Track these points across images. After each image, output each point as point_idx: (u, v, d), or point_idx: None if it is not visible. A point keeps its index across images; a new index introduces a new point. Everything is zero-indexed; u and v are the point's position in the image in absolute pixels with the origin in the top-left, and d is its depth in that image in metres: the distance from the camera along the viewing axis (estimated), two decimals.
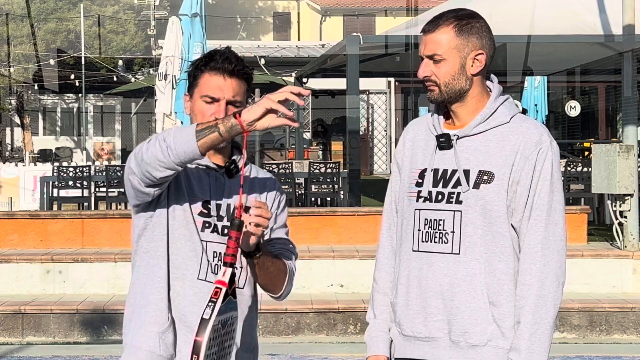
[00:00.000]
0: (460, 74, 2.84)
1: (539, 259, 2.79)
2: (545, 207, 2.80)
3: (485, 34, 2.86)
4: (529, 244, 2.80)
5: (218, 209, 2.90)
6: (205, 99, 2.89)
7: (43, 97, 34.60)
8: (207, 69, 2.92)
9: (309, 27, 37.67)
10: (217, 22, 33.99)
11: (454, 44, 2.83)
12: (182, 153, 2.64)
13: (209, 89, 2.90)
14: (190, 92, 2.96)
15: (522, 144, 2.81)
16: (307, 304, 9.01)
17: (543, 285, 2.78)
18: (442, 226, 2.83)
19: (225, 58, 2.92)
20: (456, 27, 2.84)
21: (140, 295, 2.91)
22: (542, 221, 2.80)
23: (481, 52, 2.84)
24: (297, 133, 20.13)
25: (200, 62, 2.96)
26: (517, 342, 2.77)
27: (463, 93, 2.86)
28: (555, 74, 17.73)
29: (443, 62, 2.84)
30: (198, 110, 2.91)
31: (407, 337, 2.92)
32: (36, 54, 31.31)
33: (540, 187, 2.80)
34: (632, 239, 10.14)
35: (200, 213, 2.88)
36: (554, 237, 2.81)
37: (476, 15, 2.89)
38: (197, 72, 2.94)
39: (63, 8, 33.67)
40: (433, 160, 2.89)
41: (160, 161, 2.67)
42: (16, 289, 9.68)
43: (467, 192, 2.81)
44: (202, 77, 2.92)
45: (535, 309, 2.77)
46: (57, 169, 15.71)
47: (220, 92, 2.88)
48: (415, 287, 2.88)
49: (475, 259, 2.80)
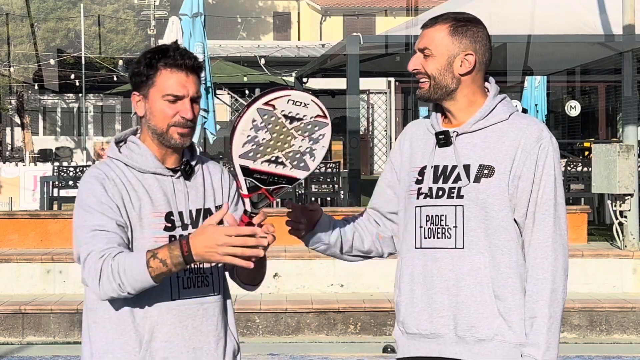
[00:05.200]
0: (446, 71, 2.87)
1: (550, 253, 2.82)
2: (552, 201, 2.83)
3: (480, 39, 2.89)
4: (538, 239, 2.82)
5: (181, 217, 2.79)
6: (168, 98, 2.73)
7: (43, 97, 34.61)
8: (164, 66, 2.74)
9: (309, 27, 37.67)
10: (217, 22, 33.99)
11: (445, 42, 2.87)
12: (138, 287, 2.60)
13: (171, 87, 2.73)
14: (143, 92, 2.77)
15: (523, 139, 2.84)
16: (307, 304, 9.01)
17: (555, 279, 2.81)
18: (444, 222, 2.85)
19: (182, 53, 2.75)
20: (451, 27, 2.88)
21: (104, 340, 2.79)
22: (550, 215, 2.83)
23: (471, 54, 2.87)
24: None
25: (151, 58, 2.76)
26: (535, 338, 2.79)
27: (450, 92, 2.88)
28: (555, 74, 17.72)
29: (432, 57, 2.88)
30: (159, 110, 2.75)
31: (412, 335, 2.92)
32: (36, 53, 31.31)
33: (545, 182, 2.83)
34: (632, 239, 10.14)
35: (165, 228, 2.76)
36: (560, 231, 2.85)
37: (476, 21, 2.92)
38: (151, 70, 2.75)
39: (63, 7, 33.67)
40: (433, 157, 2.91)
41: (116, 294, 2.62)
42: (16, 289, 9.68)
43: (467, 187, 2.83)
44: (159, 75, 2.74)
45: (550, 303, 2.80)
46: (57, 169, 15.71)
47: (184, 89, 2.74)
48: (420, 284, 2.88)
49: (480, 252, 2.82)
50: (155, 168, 2.79)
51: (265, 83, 21.64)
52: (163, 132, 2.77)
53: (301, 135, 2.61)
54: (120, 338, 2.76)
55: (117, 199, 2.73)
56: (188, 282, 2.79)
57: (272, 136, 2.58)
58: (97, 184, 2.75)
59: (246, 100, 25.61)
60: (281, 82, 21.73)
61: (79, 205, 2.76)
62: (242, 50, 27.32)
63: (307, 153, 2.63)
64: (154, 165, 2.79)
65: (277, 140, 2.59)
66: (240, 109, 2.65)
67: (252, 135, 2.57)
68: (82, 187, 2.79)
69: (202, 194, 2.86)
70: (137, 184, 2.77)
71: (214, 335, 2.85)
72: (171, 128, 2.76)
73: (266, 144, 2.59)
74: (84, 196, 2.75)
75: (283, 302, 9.09)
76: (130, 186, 2.76)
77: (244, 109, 2.57)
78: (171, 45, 2.80)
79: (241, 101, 25.06)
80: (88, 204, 2.73)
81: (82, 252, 2.68)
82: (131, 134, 2.88)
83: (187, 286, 2.79)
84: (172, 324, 2.78)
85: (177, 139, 2.77)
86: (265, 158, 2.60)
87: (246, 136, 2.57)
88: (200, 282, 2.81)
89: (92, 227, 2.68)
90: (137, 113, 2.82)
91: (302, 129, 2.60)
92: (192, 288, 2.80)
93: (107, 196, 2.72)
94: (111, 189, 2.74)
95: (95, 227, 2.67)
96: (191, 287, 2.79)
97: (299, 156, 2.63)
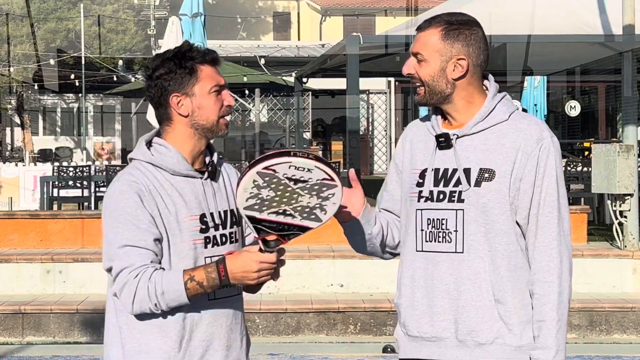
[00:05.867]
0: (439, 76, 2.85)
1: (555, 256, 2.81)
2: (556, 203, 2.82)
3: (474, 42, 2.86)
4: (543, 241, 2.81)
5: (213, 218, 2.85)
6: (215, 89, 2.82)
7: (43, 97, 34.59)
8: (201, 62, 2.83)
9: (309, 27, 37.66)
10: (217, 22, 33.98)
11: (437, 47, 2.85)
12: (173, 306, 2.73)
13: (215, 79, 2.83)
14: (186, 91, 2.82)
15: (523, 141, 2.82)
16: (307, 304, 9.01)
17: (561, 282, 2.81)
18: (445, 225, 2.84)
19: (203, 51, 2.86)
20: (443, 31, 2.85)
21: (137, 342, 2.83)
22: (554, 217, 2.82)
23: (463, 58, 2.84)
24: (297, 133, 20.11)
25: (181, 58, 2.82)
26: (544, 341, 2.79)
27: (446, 96, 2.87)
28: (555, 74, 17.71)
29: (425, 62, 2.87)
30: (210, 104, 2.82)
31: (413, 337, 2.92)
32: (36, 53, 31.29)
33: (548, 184, 2.82)
34: (632, 239, 10.14)
35: (201, 230, 2.82)
36: (564, 232, 2.84)
37: (470, 23, 2.89)
38: (188, 69, 2.82)
39: (63, 8, 33.65)
40: (433, 160, 2.89)
41: (149, 311, 2.73)
42: (16, 289, 9.68)
43: (468, 191, 2.82)
44: (201, 71, 2.82)
45: (557, 306, 2.80)
46: (57, 169, 15.71)
47: (222, 79, 2.86)
48: (421, 288, 2.88)
49: (479, 257, 2.81)
50: (187, 170, 2.83)
51: (265, 83, 21.65)
52: (214, 124, 2.84)
53: (308, 194, 2.56)
54: (159, 339, 2.79)
55: (152, 208, 2.77)
56: None
57: (276, 194, 2.55)
58: (133, 194, 2.76)
59: (246, 100, 25.62)
60: (281, 82, 21.72)
61: (112, 215, 2.77)
62: (242, 50, 27.31)
63: (317, 208, 2.58)
64: (185, 168, 2.83)
65: (283, 197, 2.56)
66: (244, 171, 2.58)
67: (254, 192, 2.56)
68: (115, 195, 2.79)
69: (226, 195, 2.93)
70: (170, 188, 2.81)
71: (239, 332, 2.95)
72: (220, 119, 2.86)
73: (271, 200, 2.56)
74: (119, 206, 2.76)
75: (283, 302, 9.09)
76: (164, 191, 2.80)
77: (246, 170, 2.55)
78: (189, 45, 2.87)
79: (241, 101, 25.07)
80: (122, 215, 2.75)
81: (115, 267, 2.73)
82: (155, 136, 2.91)
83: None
84: (209, 322, 2.84)
85: (224, 128, 2.87)
86: (271, 210, 2.58)
87: (249, 193, 2.56)
88: None
89: (125, 242, 2.72)
90: (179, 114, 2.83)
91: (309, 189, 2.56)
92: (226, 288, 2.84)
93: (143, 207, 2.76)
94: (147, 199, 2.77)
95: (129, 242, 2.72)
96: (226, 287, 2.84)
97: (309, 210, 2.58)
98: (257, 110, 23.38)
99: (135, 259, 2.70)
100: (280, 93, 26.12)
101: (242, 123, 29.37)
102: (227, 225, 2.88)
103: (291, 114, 25.72)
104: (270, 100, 29.45)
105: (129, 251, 2.71)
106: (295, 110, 21.31)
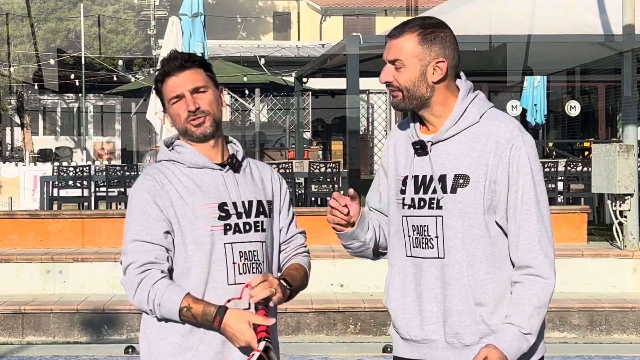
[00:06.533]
0: (420, 81, 2.86)
1: (538, 252, 2.83)
2: (534, 200, 2.84)
3: (449, 44, 2.88)
4: (525, 239, 2.83)
5: (235, 207, 2.99)
6: (173, 101, 3.02)
7: (43, 97, 34.62)
8: (161, 79, 3.06)
9: (309, 27, 37.68)
10: (217, 22, 33.99)
11: (416, 52, 2.86)
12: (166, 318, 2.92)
13: (170, 91, 3.03)
14: (164, 106, 3.09)
15: (494, 143, 2.84)
16: (307, 304, 9.01)
17: (545, 276, 2.83)
18: (427, 232, 2.89)
19: (170, 59, 3.05)
20: (420, 36, 2.86)
21: None
22: (533, 214, 2.83)
23: (442, 61, 2.86)
24: (297, 133, 20.13)
25: (155, 80, 3.09)
26: (516, 319, 2.79)
27: (425, 100, 2.89)
28: (555, 74, 17.73)
29: (404, 68, 2.87)
30: (174, 115, 3.04)
31: (405, 339, 2.98)
32: (36, 53, 31.32)
33: (523, 182, 2.83)
34: (632, 239, 10.14)
35: (219, 217, 2.97)
36: (545, 228, 2.85)
37: (442, 25, 2.92)
38: (158, 86, 3.07)
39: (63, 8, 33.68)
40: (412, 167, 2.93)
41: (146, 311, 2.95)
42: (16, 289, 9.68)
43: (445, 198, 2.85)
44: (163, 88, 3.05)
45: (538, 296, 2.80)
46: (57, 169, 15.72)
47: (179, 87, 3.01)
48: (411, 292, 2.94)
49: (458, 262, 2.85)
50: (205, 162, 3.02)
51: (265, 83, 21.66)
52: (185, 131, 3.03)
53: None
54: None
55: (165, 201, 2.96)
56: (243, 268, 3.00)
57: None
58: (144, 192, 2.99)
59: (246, 100, 25.63)
60: (281, 82, 21.73)
61: (127, 212, 3.02)
62: (242, 50, 27.32)
63: None
64: (202, 161, 3.02)
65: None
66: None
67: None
68: (131, 194, 3.05)
69: (252, 186, 3.08)
70: (187, 181, 3.00)
71: None
72: (187, 124, 3.02)
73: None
74: (132, 203, 3.01)
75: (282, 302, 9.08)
76: (180, 183, 2.99)
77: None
78: (164, 59, 3.09)
79: (241, 101, 25.09)
80: (134, 211, 2.98)
81: (124, 260, 2.97)
82: (176, 139, 3.13)
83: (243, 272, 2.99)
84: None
85: (195, 130, 3.01)
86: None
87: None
88: (254, 268, 3.01)
89: (134, 237, 2.95)
90: (172, 126, 3.11)
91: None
92: (247, 274, 2.99)
93: (153, 202, 2.96)
94: (160, 193, 2.97)
95: (137, 236, 2.94)
96: (246, 273, 2.99)
97: None
98: (257, 110, 23.40)
99: (139, 255, 2.91)
100: (280, 93, 26.14)
101: (242, 123, 29.37)
102: (252, 214, 3.02)
103: (291, 113, 25.73)
104: (270, 100, 29.48)
105: (136, 246, 2.92)
106: (295, 110, 21.32)
